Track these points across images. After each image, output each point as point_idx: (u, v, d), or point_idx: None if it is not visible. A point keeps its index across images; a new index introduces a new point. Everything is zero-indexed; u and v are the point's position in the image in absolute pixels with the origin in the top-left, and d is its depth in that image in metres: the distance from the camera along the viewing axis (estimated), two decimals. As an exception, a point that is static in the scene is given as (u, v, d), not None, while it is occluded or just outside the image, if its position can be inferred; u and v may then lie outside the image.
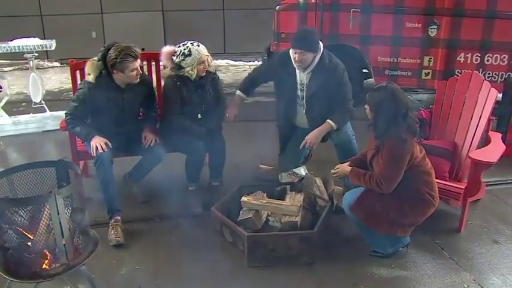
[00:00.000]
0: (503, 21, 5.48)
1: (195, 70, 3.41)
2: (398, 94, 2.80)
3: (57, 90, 7.49)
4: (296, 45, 3.46)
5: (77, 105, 3.23)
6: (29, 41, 5.33)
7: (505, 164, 4.21)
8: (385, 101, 2.78)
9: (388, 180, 2.76)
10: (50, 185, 2.45)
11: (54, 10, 9.15)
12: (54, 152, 4.82)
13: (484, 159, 3.09)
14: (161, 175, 3.80)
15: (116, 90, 3.27)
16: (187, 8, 9.31)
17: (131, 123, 3.46)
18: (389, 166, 2.76)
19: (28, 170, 2.44)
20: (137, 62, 3.17)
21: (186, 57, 3.38)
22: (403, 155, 2.75)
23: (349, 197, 2.96)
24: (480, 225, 3.40)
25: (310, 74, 3.57)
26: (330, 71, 3.54)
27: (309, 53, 3.45)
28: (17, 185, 2.42)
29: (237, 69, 9.07)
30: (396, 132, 2.74)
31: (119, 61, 3.09)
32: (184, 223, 3.41)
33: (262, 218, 3.13)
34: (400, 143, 2.74)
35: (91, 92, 3.19)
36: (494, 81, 5.60)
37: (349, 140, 3.77)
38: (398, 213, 2.82)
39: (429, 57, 5.83)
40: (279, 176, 3.88)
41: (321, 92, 3.56)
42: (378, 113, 2.81)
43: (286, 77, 3.63)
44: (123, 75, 3.17)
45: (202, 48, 3.44)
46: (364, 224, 2.90)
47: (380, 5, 5.67)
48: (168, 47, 3.51)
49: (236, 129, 3.69)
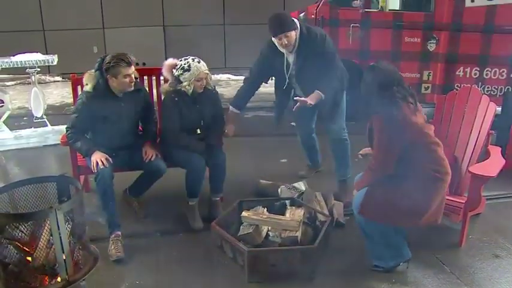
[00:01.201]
0: (501, 36, 5.53)
1: (191, 86, 3.44)
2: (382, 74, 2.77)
3: (58, 104, 7.52)
4: (279, 31, 3.48)
5: (77, 116, 3.27)
6: (31, 56, 5.38)
7: (505, 177, 4.21)
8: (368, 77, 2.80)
9: (380, 161, 2.73)
10: (50, 200, 2.46)
11: (57, 25, 9.21)
12: (55, 166, 4.84)
13: (483, 173, 3.09)
14: (162, 190, 3.81)
15: (113, 99, 3.31)
16: (188, 23, 9.36)
17: (131, 136, 3.48)
18: (378, 144, 2.73)
19: (29, 185, 2.45)
20: (130, 68, 3.23)
21: (184, 72, 3.42)
22: (391, 127, 2.65)
23: (356, 200, 2.89)
24: (481, 239, 3.39)
25: (296, 53, 3.64)
26: (310, 41, 3.58)
27: (291, 32, 3.50)
28: (18, 200, 2.44)
29: (237, 83, 9.08)
30: (377, 106, 2.70)
31: (112, 65, 3.17)
32: (184, 238, 3.41)
33: (262, 233, 3.13)
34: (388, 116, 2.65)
35: (89, 100, 3.24)
36: (493, 95, 5.64)
37: (340, 138, 3.91)
38: (408, 200, 2.66)
39: (428, 71, 5.86)
40: (278, 190, 3.90)
41: (308, 64, 3.62)
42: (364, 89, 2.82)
43: (274, 60, 3.72)
44: (116, 81, 3.23)
45: (203, 65, 3.47)
46: (377, 220, 2.78)
47: (379, 20, 5.72)
48: (171, 59, 3.56)
49: (237, 144, 3.71)
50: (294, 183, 3.98)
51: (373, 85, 2.75)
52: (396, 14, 5.94)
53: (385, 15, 5.83)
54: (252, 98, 4.17)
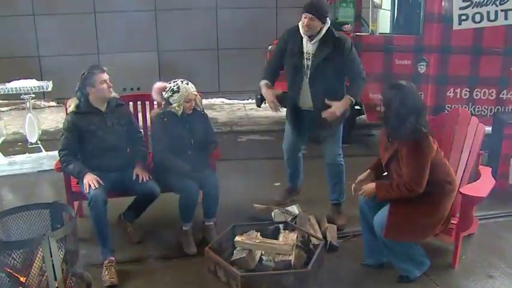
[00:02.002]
0: (489, 57, 5.64)
1: (181, 107, 3.52)
2: (411, 96, 2.86)
3: (53, 129, 7.54)
4: (307, 10, 3.59)
5: (66, 135, 3.36)
6: (26, 83, 5.42)
7: (497, 197, 4.26)
8: (396, 100, 2.83)
9: (418, 183, 2.81)
10: (44, 227, 2.46)
11: (52, 51, 9.29)
12: (50, 192, 4.82)
13: (474, 194, 3.12)
14: (156, 214, 3.81)
15: (97, 114, 3.41)
16: (182, 48, 9.48)
17: (121, 156, 3.51)
18: (415, 169, 2.82)
19: (22, 212, 2.46)
20: (104, 75, 3.37)
21: (174, 93, 3.51)
22: (424, 155, 2.82)
23: (379, 221, 2.96)
24: (474, 259, 3.41)
25: (317, 44, 3.68)
26: (337, 42, 3.65)
27: (317, 20, 3.58)
28: (11, 227, 2.44)
29: (231, 107, 9.17)
30: (407, 136, 2.80)
31: (86, 75, 3.33)
32: (178, 263, 3.41)
33: (255, 258, 3.13)
34: (418, 142, 2.80)
35: (74, 119, 3.35)
36: (483, 116, 5.71)
37: (336, 163, 3.95)
38: (429, 214, 2.88)
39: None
40: (272, 214, 3.91)
41: (327, 63, 3.65)
42: (389, 111, 2.88)
43: (292, 47, 3.73)
44: (94, 90, 3.34)
45: (191, 86, 3.56)
46: (403, 240, 2.92)
47: (370, 44, 5.82)
48: (160, 83, 3.67)
49: (230, 167, 3.73)
50: (287, 207, 4.00)
51: (405, 109, 2.82)
52: (386, 38, 6.07)
53: (375, 39, 5.94)
54: (246, 122, 4.23)
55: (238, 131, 7.35)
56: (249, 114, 8.58)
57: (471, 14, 5.57)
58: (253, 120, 8.09)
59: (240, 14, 9.40)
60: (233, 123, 7.81)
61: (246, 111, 8.86)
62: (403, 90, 2.87)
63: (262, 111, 8.42)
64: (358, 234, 3.68)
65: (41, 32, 9.30)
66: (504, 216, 4.13)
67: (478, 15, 5.57)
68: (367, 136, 6.93)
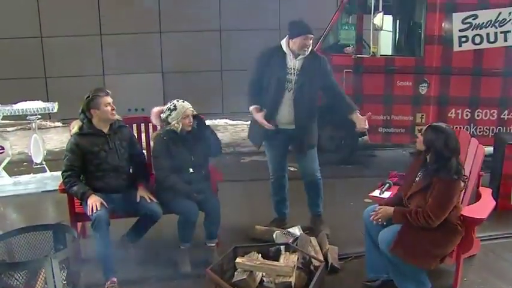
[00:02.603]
0: (490, 78, 5.70)
1: (180, 124, 3.60)
2: (454, 138, 3.03)
3: (58, 149, 7.61)
4: (308, 31, 3.73)
5: (69, 156, 3.39)
6: (32, 104, 5.52)
7: (499, 218, 4.29)
8: (441, 141, 2.98)
9: (438, 217, 2.94)
10: (46, 249, 2.50)
11: (58, 72, 9.43)
12: (53, 213, 4.87)
13: (474, 215, 3.14)
14: (158, 235, 3.84)
15: (100, 136, 3.46)
16: (186, 69, 9.60)
17: (123, 178, 3.56)
18: (441, 204, 2.96)
19: (26, 234, 2.49)
20: (109, 97, 3.44)
21: (172, 112, 3.61)
22: (454, 195, 2.98)
23: (386, 236, 3.04)
24: (476, 281, 3.41)
25: (302, 61, 3.80)
26: (322, 60, 3.84)
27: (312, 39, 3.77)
28: (14, 248, 2.47)
29: (235, 128, 9.23)
30: (448, 174, 2.94)
31: (91, 98, 3.38)
32: (180, 284, 3.42)
33: (256, 279, 3.14)
34: (451, 183, 2.97)
35: (77, 140, 3.40)
36: (485, 136, 5.75)
37: (316, 178, 4.08)
38: (436, 246, 3.02)
39: (421, 114, 5.99)
40: (274, 235, 3.92)
41: (312, 78, 3.78)
42: (431, 151, 3.03)
43: (276, 63, 3.82)
44: (99, 112, 3.40)
45: (187, 104, 3.67)
46: (407, 261, 2.98)
47: (371, 65, 5.90)
48: (157, 107, 3.79)
49: (231, 188, 3.76)
50: (289, 229, 4.01)
51: (448, 150, 2.99)
52: (388, 59, 6.15)
53: (377, 61, 6.01)
54: (249, 143, 4.29)
55: (241, 152, 7.38)
56: (252, 135, 8.63)
57: (471, 36, 5.67)
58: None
59: (244, 35, 9.53)
60: (236, 144, 7.86)
61: (249, 131, 8.90)
62: (447, 133, 3.04)
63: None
64: (359, 255, 3.69)
65: (47, 53, 9.47)
66: (506, 237, 4.13)
67: (478, 37, 5.67)
68: (370, 157, 6.95)
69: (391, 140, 6.20)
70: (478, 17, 5.61)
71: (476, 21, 5.62)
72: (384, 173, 4.20)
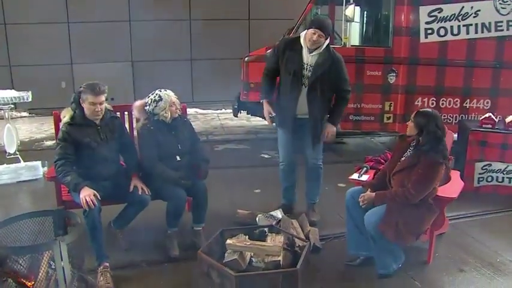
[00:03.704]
0: (454, 69, 6.03)
1: (168, 113, 3.68)
2: (440, 121, 3.28)
3: (27, 140, 7.50)
4: (316, 26, 3.83)
5: (62, 145, 3.37)
6: (6, 93, 5.43)
7: (464, 198, 4.57)
8: (433, 124, 3.22)
9: (419, 194, 3.17)
10: (48, 234, 2.56)
11: (24, 61, 9.23)
12: (31, 202, 4.84)
13: (446, 195, 3.39)
14: (145, 221, 3.92)
15: (91, 126, 3.48)
16: (156, 58, 9.59)
17: (113, 166, 3.61)
18: (424, 183, 3.19)
19: (26, 220, 2.55)
20: (96, 98, 3.37)
21: (158, 103, 3.67)
22: (437, 177, 3.22)
23: (372, 218, 3.25)
24: (447, 256, 3.68)
25: (316, 57, 3.93)
26: (335, 58, 3.98)
27: (323, 38, 3.87)
28: (14, 234, 2.52)
29: (205, 117, 9.31)
30: (435, 155, 3.18)
31: (82, 90, 3.40)
32: (170, 268, 3.53)
33: (246, 259, 3.29)
34: (437, 166, 3.20)
35: (69, 129, 3.39)
36: (449, 123, 6.08)
37: (317, 164, 4.23)
38: (417, 224, 3.28)
39: (390, 102, 6.27)
40: (256, 219, 4.08)
41: (324, 75, 3.92)
42: (423, 133, 3.24)
43: (293, 57, 3.95)
44: (85, 106, 3.41)
45: (170, 91, 3.76)
46: (393, 240, 3.22)
47: (342, 55, 6.06)
48: (139, 101, 3.80)
49: (210, 176, 3.87)
50: (270, 212, 4.18)
51: (441, 131, 3.24)
52: (358, 50, 6.37)
53: (347, 51, 6.19)
54: (221, 131, 4.38)
55: (214, 140, 7.51)
56: (224, 123, 8.75)
57: (436, 28, 5.97)
58: (228, 130, 8.27)
59: (213, 25, 9.60)
60: (208, 132, 7.96)
61: (220, 120, 9.02)
62: (435, 115, 3.30)
63: (237, 121, 8.62)
64: (338, 236, 3.91)
65: (12, 41, 9.23)
66: (471, 216, 4.46)
67: (442, 29, 5.97)
68: (340, 144, 7.21)
69: (362, 127, 6.46)
70: (443, 11, 5.91)
71: (441, 14, 5.92)
72: (355, 159, 4.45)
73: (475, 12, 5.89)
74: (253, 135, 7.90)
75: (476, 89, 6.10)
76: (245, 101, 6.62)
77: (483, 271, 3.47)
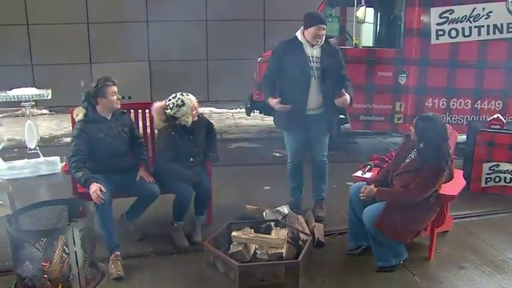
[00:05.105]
0: (464, 70, 6.06)
1: (190, 117, 3.79)
2: (442, 125, 3.33)
3: (47, 136, 7.75)
4: (321, 22, 3.97)
5: (76, 142, 3.54)
6: (27, 91, 5.65)
7: (472, 198, 4.68)
8: (431, 130, 3.26)
9: (420, 195, 3.25)
10: (62, 221, 2.72)
11: (45, 60, 9.51)
12: (50, 194, 5.02)
13: (447, 192, 3.47)
14: (155, 213, 4.08)
15: (103, 122, 3.66)
16: (173, 58, 9.78)
17: (125, 160, 3.78)
18: (426, 186, 3.26)
19: (43, 207, 2.72)
20: (115, 87, 3.62)
21: (180, 108, 3.75)
22: (439, 181, 3.30)
23: (370, 213, 3.35)
24: (448, 253, 3.74)
25: (319, 48, 4.05)
26: (334, 48, 4.16)
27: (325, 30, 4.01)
28: (33, 220, 2.69)
29: (220, 116, 9.46)
30: (438, 162, 3.24)
31: (99, 87, 3.56)
32: (178, 258, 3.68)
33: (250, 251, 3.42)
34: (441, 172, 3.28)
35: (83, 126, 3.57)
36: (460, 124, 6.10)
37: (323, 160, 4.30)
38: (415, 223, 3.36)
39: (400, 103, 6.32)
40: (264, 214, 4.20)
41: (331, 65, 4.05)
42: (426, 140, 3.28)
43: (294, 53, 4.05)
44: (105, 101, 3.59)
45: (192, 96, 3.84)
46: (388, 236, 3.31)
47: (354, 56, 6.18)
48: (159, 103, 3.86)
49: (222, 172, 3.99)
50: (277, 207, 4.29)
51: (439, 137, 3.28)
52: (369, 51, 6.45)
53: (359, 52, 6.31)
54: (235, 130, 4.48)
55: (228, 138, 7.68)
56: (238, 122, 8.90)
57: (447, 30, 6.01)
58: (242, 129, 8.41)
59: (229, 26, 9.75)
60: (222, 131, 8.11)
61: (235, 119, 9.17)
62: (435, 121, 3.32)
63: (250, 120, 8.76)
64: (342, 232, 4.00)
65: (34, 41, 9.53)
66: (477, 215, 4.50)
67: (453, 30, 6.01)
68: (352, 144, 7.29)
69: (372, 127, 6.52)
70: (454, 12, 5.95)
71: (453, 16, 5.95)
72: (365, 159, 4.50)
73: (487, 14, 5.91)
74: (266, 134, 8.02)
75: (488, 90, 6.11)
76: (258, 100, 6.74)
77: (483, 268, 3.53)
